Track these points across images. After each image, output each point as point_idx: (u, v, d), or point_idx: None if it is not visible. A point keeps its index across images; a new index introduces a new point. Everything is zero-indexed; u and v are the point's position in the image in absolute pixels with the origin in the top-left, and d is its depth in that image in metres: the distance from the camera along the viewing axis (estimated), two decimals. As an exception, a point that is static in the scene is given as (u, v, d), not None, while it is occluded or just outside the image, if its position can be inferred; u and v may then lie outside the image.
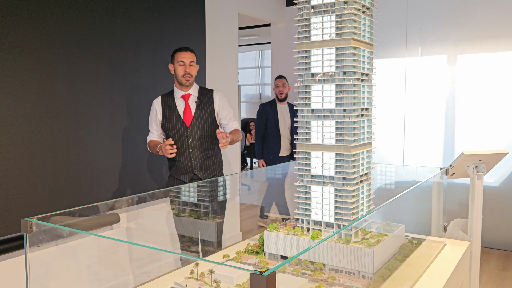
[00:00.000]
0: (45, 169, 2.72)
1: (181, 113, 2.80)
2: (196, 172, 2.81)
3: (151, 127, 2.91)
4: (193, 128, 2.78)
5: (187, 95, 2.83)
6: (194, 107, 2.81)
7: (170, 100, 2.84)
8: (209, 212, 2.44)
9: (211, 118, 2.83)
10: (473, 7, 4.26)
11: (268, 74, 10.03)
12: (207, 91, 2.89)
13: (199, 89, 2.89)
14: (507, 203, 4.23)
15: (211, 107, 2.84)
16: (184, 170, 2.81)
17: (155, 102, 2.88)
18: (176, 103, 2.82)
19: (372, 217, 2.04)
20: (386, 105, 4.72)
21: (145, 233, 2.59)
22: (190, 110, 2.80)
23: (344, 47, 1.79)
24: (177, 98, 2.83)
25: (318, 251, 1.80)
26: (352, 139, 1.80)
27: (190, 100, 2.83)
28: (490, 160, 2.33)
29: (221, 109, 2.87)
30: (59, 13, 2.77)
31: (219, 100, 2.87)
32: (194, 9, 3.78)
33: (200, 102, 2.82)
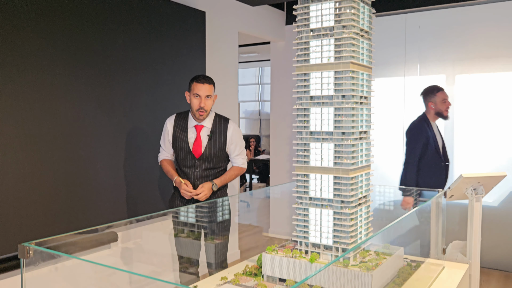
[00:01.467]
0: (44, 188, 2.72)
1: (190, 144, 2.73)
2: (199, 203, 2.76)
3: (163, 143, 2.88)
4: (201, 160, 2.73)
5: (200, 126, 2.74)
6: (206, 140, 2.73)
7: (183, 124, 2.76)
8: (208, 233, 2.44)
9: (221, 151, 2.77)
10: (471, 28, 4.31)
11: (268, 91, 10.08)
12: (222, 121, 2.79)
13: (214, 118, 2.78)
14: (507, 223, 4.21)
15: (223, 141, 2.76)
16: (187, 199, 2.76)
17: (168, 121, 2.83)
18: (188, 131, 2.75)
19: (371, 239, 2.03)
20: (385, 124, 4.74)
21: (143, 253, 2.57)
22: (200, 142, 2.73)
23: (342, 70, 1.80)
24: (190, 126, 2.76)
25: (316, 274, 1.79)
26: (350, 162, 1.81)
27: (202, 132, 2.74)
28: (488, 182, 2.33)
29: (231, 144, 2.79)
30: (60, 33, 2.79)
31: (231, 134, 2.78)
32: (195, 28, 3.82)
33: (212, 136, 2.74)
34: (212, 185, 2.73)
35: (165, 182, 3.53)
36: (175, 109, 3.57)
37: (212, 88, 2.72)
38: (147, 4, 3.36)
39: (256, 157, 9.14)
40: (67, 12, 2.82)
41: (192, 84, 2.70)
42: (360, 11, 1.85)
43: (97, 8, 3.00)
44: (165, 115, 3.45)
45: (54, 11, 2.75)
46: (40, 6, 2.68)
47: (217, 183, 2.75)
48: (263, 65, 10.13)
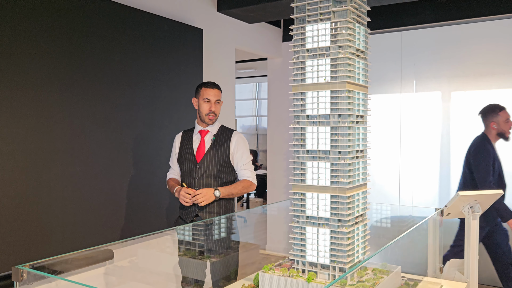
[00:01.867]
0: (39, 205, 2.70)
1: (194, 148, 2.72)
2: (199, 213, 2.67)
3: (171, 162, 2.89)
4: (202, 165, 2.67)
5: (205, 131, 2.75)
6: (209, 144, 2.71)
7: (189, 135, 2.79)
8: (204, 251, 2.42)
9: (224, 157, 2.69)
10: (466, 45, 4.36)
11: (265, 106, 10.13)
12: (227, 131, 2.78)
13: (219, 127, 2.79)
14: (504, 240, 4.20)
15: (226, 147, 2.70)
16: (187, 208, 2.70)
17: (176, 137, 2.86)
18: (193, 138, 2.76)
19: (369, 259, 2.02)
20: (382, 140, 4.75)
21: (139, 272, 2.55)
22: (204, 146, 2.71)
23: (339, 90, 1.82)
24: (195, 133, 2.78)
25: (313, 294, 1.78)
26: (347, 181, 1.81)
27: (206, 137, 2.73)
28: (485, 200, 2.33)
29: (236, 152, 2.72)
30: (57, 49, 2.81)
31: (236, 142, 2.73)
32: (192, 45, 3.85)
33: (216, 140, 2.71)
34: (215, 191, 2.62)
35: (163, 198, 3.52)
36: (172, 124, 3.57)
37: (221, 93, 2.76)
38: (145, 21, 3.39)
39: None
40: (64, 28, 2.84)
41: (201, 90, 2.73)
42: (356, 32, 1.87)
43: (95, 24, 3.03)
44: (163, 131, 3.46)
45: (51, 26, 2.77)
46: (36, 22, 2.70)
47: (221, 191, 2.63)
48: (261, 81, 10.19)
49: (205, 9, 4.15)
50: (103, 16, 3.07)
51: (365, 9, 1.96)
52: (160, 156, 3.47)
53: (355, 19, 1.87)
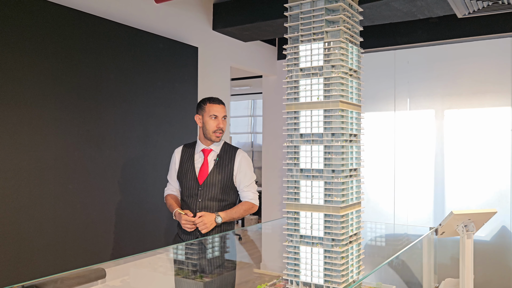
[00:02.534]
0: (31, 223, 2.67)
1: (196, 169, 2.59)
2: (200, 236, 2.58)
3: (170, 177, 2.77)
4: (205, 187, 2.56)
5: (208, 150, 2.62)
6: (212, 164, 2.59)
7: (190, 151, 2.65)
8: (198, 270, 2.39)
9: (228, 179, 2.60)
10: (458, 64, 4.41)
11: (260, 123, 10.16)
12: (231, 150, 2.66)
13: (222, 145, 2.67)
14: (499, 258, 4.19)
15: (230, 168, 2.59)
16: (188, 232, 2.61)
17: (176, 151, 2.72)
18: (195, 157, 2.62)
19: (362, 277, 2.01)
20: (377, 158, 4.76)
21: (130, 292, 2.51)
22: (207, 167, 2.58)
23: (332, 109, 1.83)
24: (197, 151, 2.64)
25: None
26: (340, 200, 1.81)
27: (209, 156, 2.61)
28: (479, 219, 2.33)
29: (239, 173, 2.61)
30: (51, 67, 2.82)
31: (239, 162, 2.62)
32: (187, 63, 3.87)
33: (219, 160, 2.59)
34: (216, 217, 2.51)
35: (157, 217, 3.49)
36: (167, 142, 3.57)
37: (226, 110, 2.66)
38: (141, 39, 3.42)
39: (248, 189, 9.10)
40: (59, 45, 2.86)
41: (206, 106, 2.59)
42: (349, 51, 1.89)
43: (91, 42, 3.04)
44: (157, 149, 3.45)
45: (46, 44, 2.78)
46: (31, 39, 2.71)
47: (222, 216, 2.52)
48: (256, 98, 10.24)
49: (201, 27, 4.19)
50: (99, 34, 3.09)
51: (357, 29, 1.99)
52: (154, 173, 3.46)
53: (348, 39, 1.89)
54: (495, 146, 4.21)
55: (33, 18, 2.71)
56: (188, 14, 4.03)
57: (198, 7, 4.16)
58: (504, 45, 4.19)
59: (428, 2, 3.33)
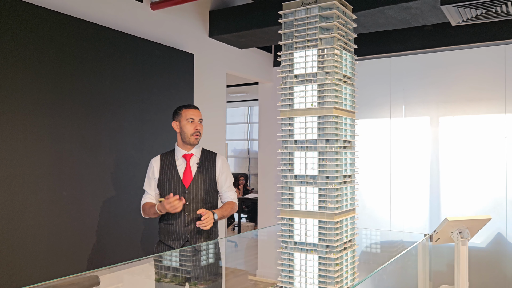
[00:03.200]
0: (25, 230, 2.66)
1: (181, 174, 2.66)
2: (189, 239, 2.63)
3: (147, 187, 2.75)
4: (191, 190, 2.64)
5: (189, 155, 2.71)
6: (195, 168, 2.68)
7: (170, 159, 2.72)
8: (192, 278, 2.38)
9: (211, 181, 2.70)
10: (453, 71, 4.43)
11: (257, 130, 10.17)
12: (210, 154, 2.78)
13: (202, 150, 2.78)
14: (495, 265, 4.19)
15: (212, 170, 2.71)
16: (176, 236, 2.63)
17: (153, 161, 2.76)
18: (177, 163, 2.69)
19: (358, 286, 2.00)
20: (373, 164, 4.77)
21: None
22: (190, 171, 2.67)
23: (326, 115, 1.83)
24: (178, 158, 2.71)
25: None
26: (335, 206, 1.81)
27: (191, 161, 2.70)
28: (474, 225, 2.33)
29: (221, 174, 2.74)
30: (46, 73, 2.82)
31: (221, 165, 2.75)
32: (183, 69, 3.88)
33: (201, 163, 2.70)
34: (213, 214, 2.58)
35: (152, 223, 3.48)
36: (162, 149, 3.56)
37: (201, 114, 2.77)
38: (136, 46, 3.42)
39: (245, 195, 9.08)
40: (54, 52, 2.86)
41: (182, 111, 2.71)
42: (343, 58, 1.90)
43: (86, 48, 3.05)
44: (152, 155, 3.43)
45: (40, 51, 2.78)
46: (25, 45, 2.71)
47: (217, 214, 2.61)
48: (252, 105, 10.26)
49: (197, 34, 4.20)
50: (94, 41, 3.10)
51: (351, 36, 2.00)
52: (149, 180, 3.44)
53: (342, 46, 1.90)
54: (490, 153, 4.22)
55: (28, 24, 2.71)
56: (184, 21, 4.05)
57: (194, 14, 4.18)
58: (498, 52, 4.22)
59: (423, 10, 3.35)
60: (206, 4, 4.31)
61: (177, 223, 2.63)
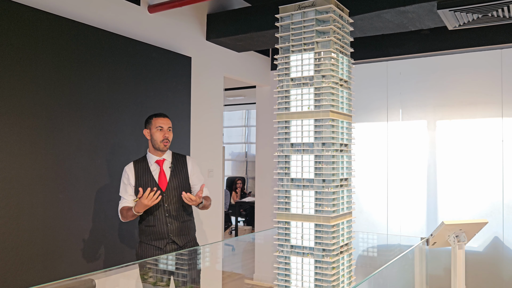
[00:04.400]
0: (20, 232, 2.64)
1: (156, 178, 2.80)
2: (173, 237, 2.74)
3: (124, 193, 2.83)
4: (168, 192, 2.78)
5: (161, 160, 2.85)
6: (169, 172, 2.84)
7: (144, 165, 2.84)
8: (187, 281, 2.37)
9: (185, 182, 2.86)
10: (450, 75, 4.44)
11: (254, 133, 10.16)
12: (180, 157, 2.95)
13: (172, 154, 2.93)
14: (491, 268, 4.19)
15: (185, 172, 2.89)
16: (159, 236, 2.73)
17: (127, 168, 2.86)
18: (151, 168, 2.83)
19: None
20: (370, 168, 4.77)
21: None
22: (165, 175, 2.83)
23: (322, 118, 1.83)
24: (151, 164, 2.84)
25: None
26: (331, 210, 1.80)
27: (164, 166, 2.85)
28: (470, 229, 2.33)
29: (193, 174, 2.92)
30: (42, 75, 2.81)
31: (191, 165, 2.93)
32: (180, 73, 3.87)
33: (174, 167, 2.87)
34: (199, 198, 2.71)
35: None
36: (159, 152, 3.55)
37: (171, 122, 2.90)
38: (133, 48, 3.42)
39: (243, 199, 9.06)
40: (51, 54, 2.85)
41: (152, 120, 2.84)
42: (339, 62, 1.90)
43: (83, 51, 3.04)
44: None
45: (37, 54, 2.78)
46: (22, 48, 2.70)
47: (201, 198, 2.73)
48: (250, 108, 10.26)
49: (194, 37, 4.20)
50: (91, 43, 3.09)
51: (348, 40, 2.00)
52: (146, 183, 3.43)
53: (338, 49, 1.90)
54: (487, 157, 4.23)
55: (25, 27, 2.70)
56: (181, 24, 4.05)
57: (192, 17, 4.18)
58: (494, 56, 4.23)
59: (419, 14, 3.36)
60: (204, 7, 4.32)
61: (159, 224, 2.75)
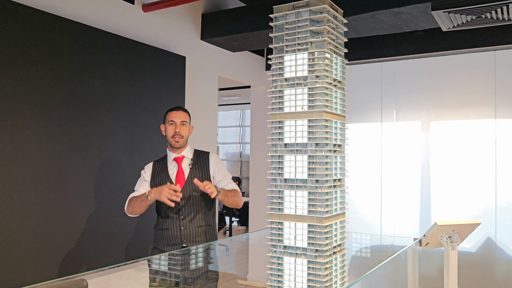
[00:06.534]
0: (10, 232, 2.62)
1: (173, 177, 2.59)
2: (186, 243, 2.55)
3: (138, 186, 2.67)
4: (185, 192, 2.56)
5: (180, 157, 2.63)
6: (188, 170, 2.61)
7: (162, 164, 2.65)
8: (180, 282, 2.35)
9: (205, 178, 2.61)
10: (444, 76, 4.46)
11: (249, 133, 10.15)
12: (203, 154, 2.71)
13: (194, 151, 2.70)
14: (484, 269, 4.21)
15: (206, 170, 2.63)
16: (172, 241, 2.56)
17: (146, 167, 2.70)
18: (168, 167, 2.62)
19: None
20: (364, 168, 4.77)
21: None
22: (183, 173, 2.59)
23: (316, 119, 1.83)
24: (170, 162, 2.64)
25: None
26: (324, 210, 1.80)
27: (183, 163, 2.63)
28: (463, 230, 2.34)
29: (217, 172, 2.66)
30: (35, 73, 2.79)
31: (214, 163, 2.67)
32: (175, 72, 3.86)
33: (194, 164, 2.62)
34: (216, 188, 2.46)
35: (141, 227, 3.45)
36: (152, 151, 3.54)
37: (187, 116, 2.68)
38: (127, 48, 3.40)
39: (237, 199, 9.04)
40: (44, 53, 2.83)
41: (167, 114, 2.69)
42: (333, 62, 1.90)
43: (76, 50, 3.02)
44: (142, 158, 3.42)
45: (29, 52, 2.76)
46: (14, 46, 2.68)
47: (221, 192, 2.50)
48: (244, 108, 10.25)
49: (189, 37, 4.19)
50: (84, 42, 3.07)
51: (342, 40, 2.00)
52: (139, 183, 3.42)
53: (332, 49, 1.90)
54: (480, 158, 4.25)
55: (18, 25, 2.68)
56: (176, 24, 4.04)
57: (187, 17, 4.17)
58: (488, 58, 4.25)
59: (414, 15, 3.37)
60: (199, 7, 4.30)
61: (173, 227, 2.56)
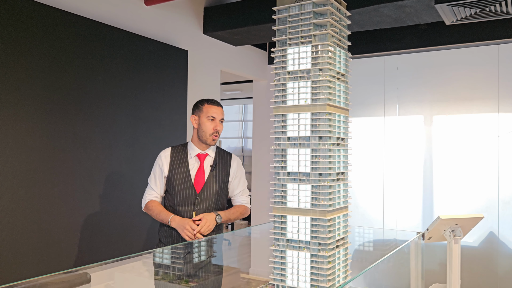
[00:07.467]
0: (15, 225, 2.63)
1: (192, 176, 2.44)
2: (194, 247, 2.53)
3: (152, 182, 2.54)
4: (202, 196, 2.45)
5: (203, 155, 2.48)
6: (208, 170, 2.47)
7: (183, 156, 2.47)
8: (183, 275, 2.36)
9: (223, 186, 2.50)
10: (447, 70, 4.44)
11: (251, 128, 10.15)
12: (225, 154, 2.57)
13: (216, 149, 2.56)
14: (487, 264, 4.21)
15: (226, 174, 2.49)
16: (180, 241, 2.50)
17: (162, 154, 2.50)
18: (189, 162, 2.46)
19: (350, 283, 1.99)
20: (366, 163, 4.77)
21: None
22: (203, 173, 2.46)
23: (319, 112, 1.82)
24: (191, 156, 2.48)
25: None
26: (327, 204, 1.80)
27: (205, 162, 2.48)
28: (466, 224, 2.33)
29: (234, 179, 2.54)
30: (38, 67, 2.78)
31: (236, 167, 2.54)
32: (177, 66, 3.85)
33: (215, 165, 2.48)
34: (216, 216, 2.40)
35: (144, 220, 3.46)
36: (155, 145, 3.54)
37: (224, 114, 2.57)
38: (130, 41, 3.39)
39: (239, 194, 9.07)
40: (47, 47, 2.83)
41: (204, 107, 2.48)
42: (337, 55, 1.89)
43: (79, 44, 3.02)
44: (145, 151, 3.42)
45: (32, 46, 2.75)
46: (17, 40, 2.68)
47: (221, 216, 2.43)
48: (247, 103, 10.23)
49: (191, 31, 4.17)
50: (87, 36, 3.06)
51: (345, 33, 1.99)
52: (142, 176, 3.42)
53: (336, 42, 1.89)
54: (483, 152, 4.24)
55: (20, 19, 2.68)
56: (178, 17, 4.02)
57: (189, 11, 4.15)
58: (491, 52, 4.23)
59: (417, 8, 3.35)
60: (201, 0, 4.29)
61: None
